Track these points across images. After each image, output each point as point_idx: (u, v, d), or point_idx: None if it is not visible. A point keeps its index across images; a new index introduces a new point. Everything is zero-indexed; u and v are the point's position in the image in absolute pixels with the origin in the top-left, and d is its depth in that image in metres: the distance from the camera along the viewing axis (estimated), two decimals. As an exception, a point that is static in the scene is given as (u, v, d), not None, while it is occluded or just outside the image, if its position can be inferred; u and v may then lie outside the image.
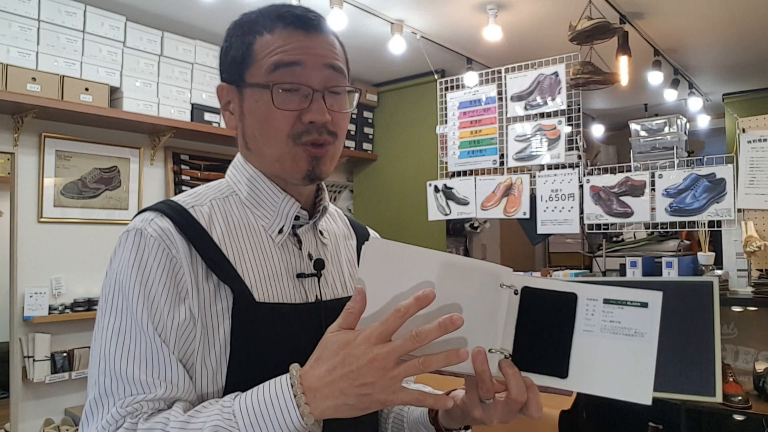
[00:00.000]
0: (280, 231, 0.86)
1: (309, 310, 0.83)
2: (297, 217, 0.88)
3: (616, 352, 0.70)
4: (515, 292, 0.71)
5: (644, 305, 0.70)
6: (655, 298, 0.70)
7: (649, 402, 0.68)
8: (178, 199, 0.84)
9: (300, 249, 0.88)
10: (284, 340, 0.76)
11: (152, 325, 0.73)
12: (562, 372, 0.71)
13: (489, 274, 0.71)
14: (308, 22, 0.83)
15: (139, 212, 0.82)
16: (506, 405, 0.73)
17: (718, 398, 0.69)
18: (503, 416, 0.74)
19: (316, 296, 0.86)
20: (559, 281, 0.73)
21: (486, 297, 0.70)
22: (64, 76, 2.64)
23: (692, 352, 0.70)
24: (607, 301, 0.71)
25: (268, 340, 0.77)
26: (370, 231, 1.07)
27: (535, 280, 0.72)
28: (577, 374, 0.70)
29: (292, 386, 0.68)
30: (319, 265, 0.87)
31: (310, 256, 0.88)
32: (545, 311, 0.71)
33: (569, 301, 0.71)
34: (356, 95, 0.89)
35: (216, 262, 0.78)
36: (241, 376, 0.75)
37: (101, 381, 0.72)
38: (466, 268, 0.70)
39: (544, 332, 0.71)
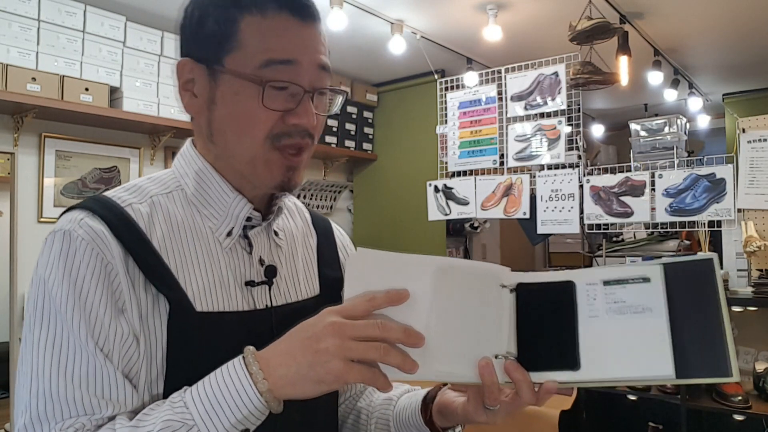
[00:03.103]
0: (229, 234, 0.77)
1: (257, 317, 0.76)
2: (249, 218, 0.79)
3: (627, 331, 0.66)
4: (510, 291, 0.69)
5: (646, 280, 0.67)
6: (656, 271, 0.67)
7: (672, 374, 0.65)
8: (114, 194, 0.74)
9: (250, 254, 0.79)
10: (228, 351, 0.67)
11: (92, 339, 0.65)
12: (574, 364, 0.67)
13: (489, 276, 0.68)
14: (304, 9, 0.75)
15: (67, 210, 0.73)
16: (512, 404, 0.70)
17: (736, 377, 0.65)
18: (508, 415, 0.71)
19: (266, 305, 0.78)
20: (553, 273, 0.70)
21: (489, 300, 0.67)
22: (64, 76, 2.64)
23: (700, 335, 0.67)
24: (606, 283, 0.68)
25: (208, 351, 0.69)
26: (335, 228, 0.99)
27: (529, 276, 0.70)
28: (590, 363, 0.67)
29: (245, 360, 0.63)
30: (271, 272, 0.79)
31: (261, 262, 0.80)
32: (544, 305, 0.69)
33: (567, 289, 0.69)
34: (341, 97, 0.81)
35: (154, 270, 0.70)
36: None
37: (34, 405, 0.63)
38: (465, 272, 0.67)
39: (547, 327, 0.68)
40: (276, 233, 0.85)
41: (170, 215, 0.75)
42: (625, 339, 0.67)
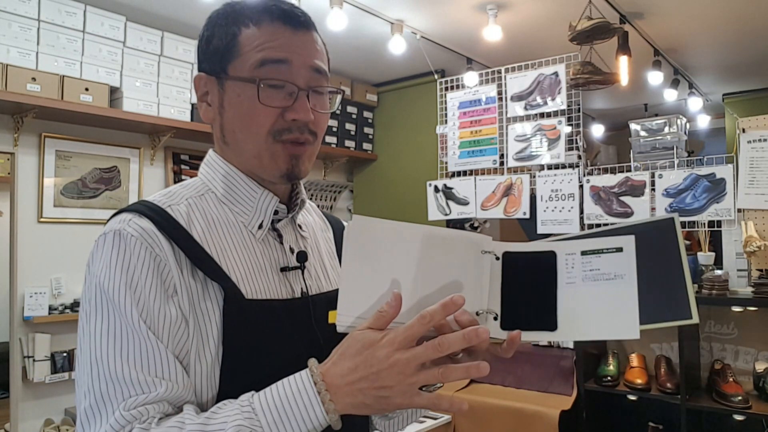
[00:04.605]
0: (260, 226, 0.85)
1: (297, 305, 0.84)
2: (276, 212, 0.87)
3: (600, 296, 0.73)
4: (497, 258, 0.75)
5: (619, 250, 0.74)
6: (629, 241, 0.74)
7: (637, 336, 0.72)
8: (154, 199, 0.82)
9: (281, 243, 0.88)
10: (275, 336, 0.77)
11: (144, 324, 0.71)
12: (551, 325, 0.74)
13: (470, 242, 0.74)
14: (295, 19, 0.82)
15: (115, 214, 0.79)
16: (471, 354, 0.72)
17: (695, 319, 0.74)
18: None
19: (302, 290, 0.86)
20: (537, 243, 0.77)
21: (470, 263, 0.74)
22: (64, 76, 2.64)
23: (665, 285, 0.77)
24: (584, 253, 0.75)
25: (260, 337, 0.77)
26: (344, 222, 1.07)
27: (514, 245, 0.76)
28: (566, 324, 0.74)
29: (315, 384, 0.68)
30: (302, 257, 0.87)
31: (291, 250, 0.88)
32: (528, 272, 0.75)
33: (549, 258, 0.76)
34: (339, 96, 0.89)
35: (201, 260, 0.77)
36: (235, 375, 0.75)
37: (96, 387, 0.69)
38: (448, 239, 0.74)
39: (529, 291, 0.75)
40: (300, 226, 0.93)
41: (206, 213, 0.83)
42: (598, 303, 0.74)
